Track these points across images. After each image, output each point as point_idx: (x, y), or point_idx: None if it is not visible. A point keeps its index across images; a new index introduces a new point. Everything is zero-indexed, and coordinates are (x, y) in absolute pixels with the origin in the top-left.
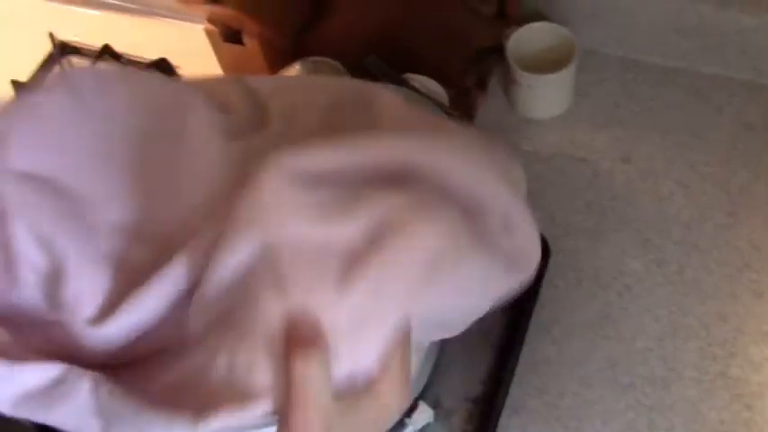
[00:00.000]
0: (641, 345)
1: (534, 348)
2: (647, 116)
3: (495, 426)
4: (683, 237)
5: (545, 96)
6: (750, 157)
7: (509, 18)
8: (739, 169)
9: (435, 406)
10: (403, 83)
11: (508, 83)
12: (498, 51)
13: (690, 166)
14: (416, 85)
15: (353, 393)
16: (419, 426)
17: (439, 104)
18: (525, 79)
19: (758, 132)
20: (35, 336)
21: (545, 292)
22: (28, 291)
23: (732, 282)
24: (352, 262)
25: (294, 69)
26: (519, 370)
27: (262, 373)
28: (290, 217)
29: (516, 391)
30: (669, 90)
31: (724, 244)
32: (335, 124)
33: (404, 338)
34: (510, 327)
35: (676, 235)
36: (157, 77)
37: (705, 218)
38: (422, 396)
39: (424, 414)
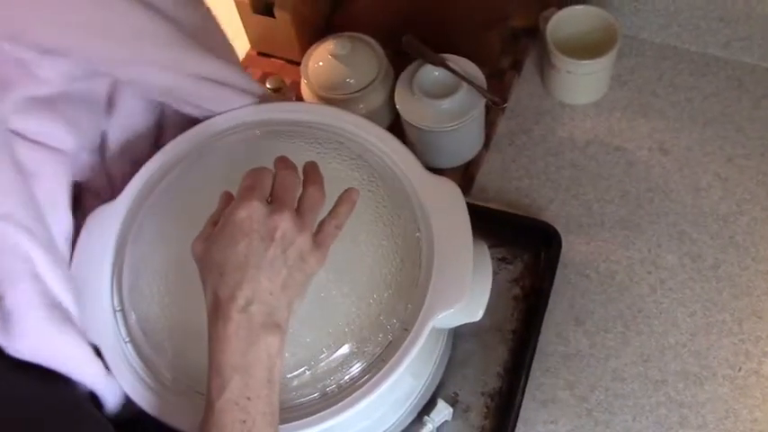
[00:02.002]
0: (674, 340)
1: (566, 341)
2: (685, 106)
3: (516, 419)
4: (719, 231)
5: (583, 82)
6: None
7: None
8: None
9: (453, 403)
10: (440, 62)
11: (545, 66)
12: (534, 33)
13: (728, 159)
14: (453, 65)
15: None
16: (438, 423)
17: (476, 86)
18: (564, 64)
19: None
20: None
21: (578, 283)
22: None
23: None
24: None
25: (328, 45)
26: (550, 362)
27: None
28: None
29: (547, 384)
30: (709, 80)
31: (761, 239)
32: None
33: None
34: (523, 319)
35: (712, 229)
36: None
37: (742, 212)
38: (439, 393)
39: (443, 412)
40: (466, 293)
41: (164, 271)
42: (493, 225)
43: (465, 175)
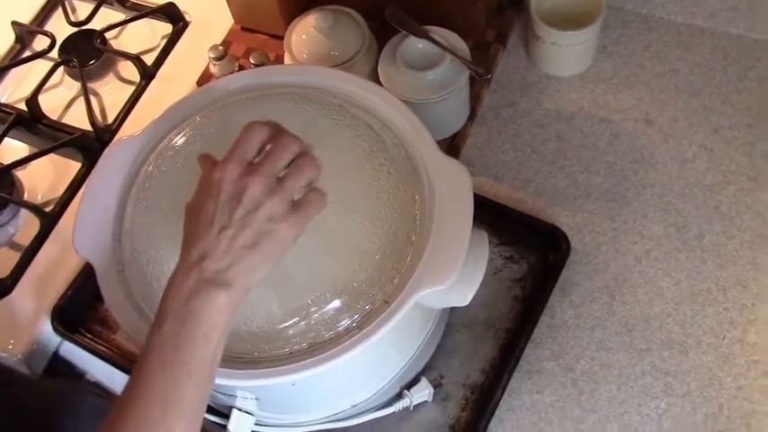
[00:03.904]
0: (659, 309)
1: (552, 312)
2: (671, 77)
3: (491, 416)
4: (704, 201)
5: (569, 54)
6: None
7: None
8: (763, 134)
9: (435, 386)
10: (423, 34)
11: (530, 38)
12: (518, 5)
13: (714, 130)
14: (437, 37)
15: None
16: (417, 401)
17: (460, 58)
18: (549, 35)
19: None
20: None
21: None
22: None
23: (753, 248)
24: None
25: (312, 18)
26: (536, 334)
27: None
28: None
29: (532, 354)
30: (695, 51)
31: (745, 209)
32: None
33: None
34: (518, 320)
35: (698, 199)
36: None
37: (728, 182)
38: (423, 375)
39: (424, 391)
40: (455, 274)
41: (164, 216)
42: (505, 223)
43: (450, 148)
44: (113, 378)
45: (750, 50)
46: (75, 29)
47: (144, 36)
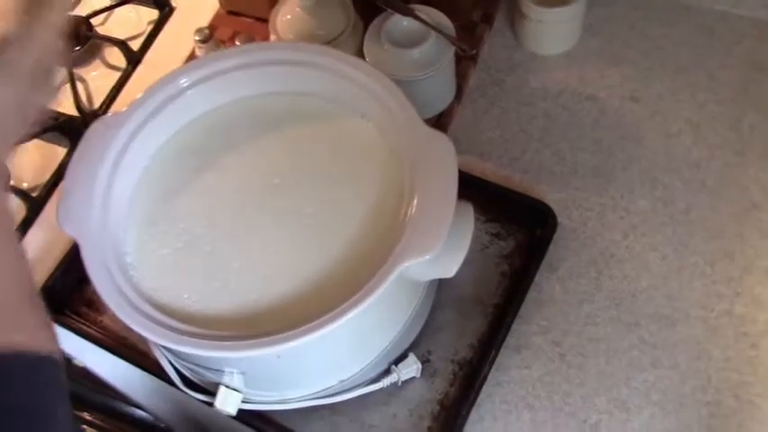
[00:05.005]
0: (646, 283)
1: (540, 288)
2: (656, 54)
3: (480, 390)
4: (691, 176)
5: (555, 31)
6: (760, 97)
7: None
8: (749, 109)
9: (423, 362)
10: (408, 12)
11: (516, 17)
12: None
13: (699, 106)
14: (422, 15)
15: None
16: (405, 377)
17: (445, 35)
18: (535, 13)
19: None
20: None
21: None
22: None
23: (739, 221)
24: None
25: None
26: (523, 309)
27: None
28: None
29: (520, 330)
30: (680, 28)
31: (732, 183)
32: None
33: None
34: (506, 295)
35: (685, 174)
36: None
37: (714, 157)
38: (411, 351)
39: (412, 366)
40: (440, 244)
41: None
42: (492, 200)
43: (437, 127)
44: (100, 362)
45: (735, 27)
46: None
47: (130, 21)
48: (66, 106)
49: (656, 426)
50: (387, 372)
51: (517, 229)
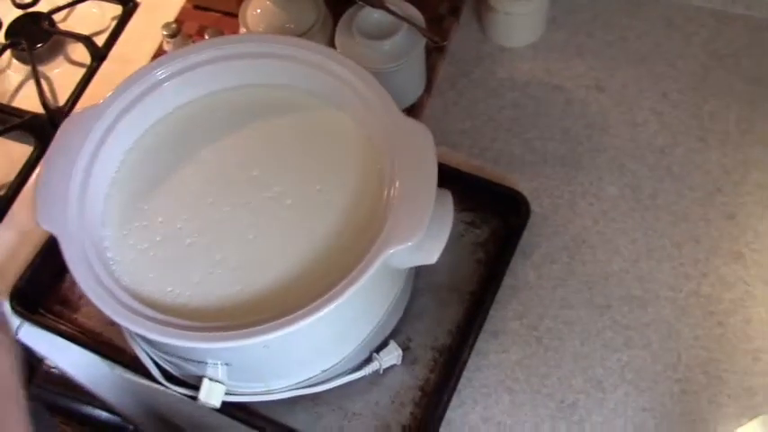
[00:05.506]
0: (617, 267)
1: (515, 274)
2: (620, 45)
3: (460, 376)
4: (656, 162)
5: (521, 23)
6: (719, 85)
7: None
8: (709, 97)
9: (404, 349)
10: (379, 5)
11: (482, 10)
12: None
13: (662, 95)
14: (393, 7)
15: None
16: (386, 365)
17: (416, 26)
18: (502, 5)
19: (726, 61)
20: None
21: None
22: None
23: (704, 204)
24: None
25: None
26: (500, 295)
27: None
28: None
29: (497, 316)
30: (641, 20)
31: (695, 168)
32: None
33: None
34: (482, 282)
35: (650, 160)
36: None
37: (677, 143)
38: (391, 339)
39: (393, 354)
40: (422, 230)
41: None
42: (465, 189)
43: None
44: (74, 362)
45: (693, 17)
46: (22, 11)
47: (93, 17)
48: (32, 104)
49: (631, 403)
50: (368, 360)
51: (491, 217)
